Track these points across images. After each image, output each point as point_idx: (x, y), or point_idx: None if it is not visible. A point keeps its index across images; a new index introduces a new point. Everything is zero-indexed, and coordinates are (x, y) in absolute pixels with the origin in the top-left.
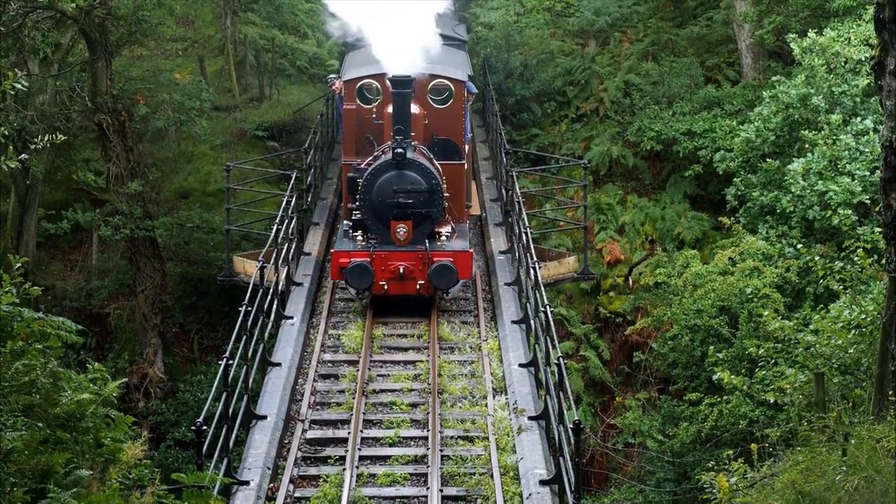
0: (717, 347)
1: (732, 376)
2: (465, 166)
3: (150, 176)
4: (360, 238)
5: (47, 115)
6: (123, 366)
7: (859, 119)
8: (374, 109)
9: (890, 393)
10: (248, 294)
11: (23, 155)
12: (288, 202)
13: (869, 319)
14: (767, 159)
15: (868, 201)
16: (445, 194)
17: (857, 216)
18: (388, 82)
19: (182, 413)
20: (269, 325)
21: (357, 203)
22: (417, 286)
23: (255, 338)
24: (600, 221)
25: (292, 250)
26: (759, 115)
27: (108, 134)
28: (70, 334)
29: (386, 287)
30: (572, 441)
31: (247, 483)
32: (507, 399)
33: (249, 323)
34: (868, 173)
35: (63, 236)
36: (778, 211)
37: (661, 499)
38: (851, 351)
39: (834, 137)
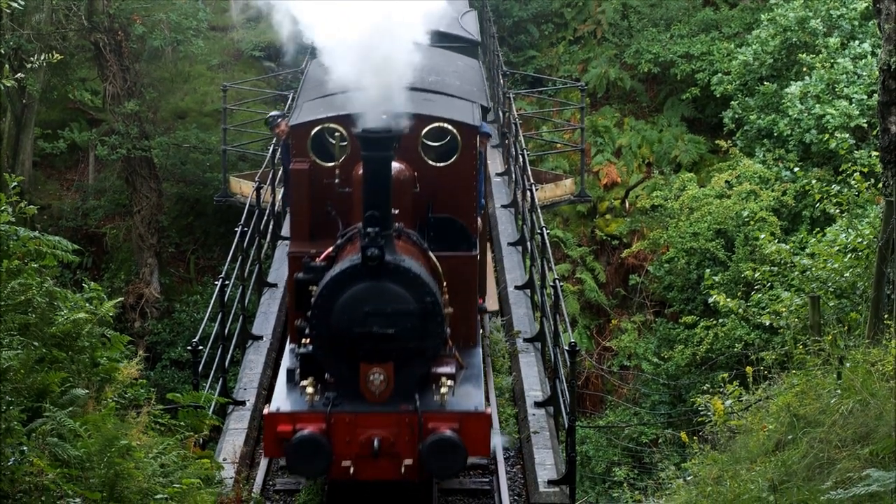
0: (713, 270)
1: (728, 299)
2: (479, 256)
3: (147, 96)
4: (310, 389)
5: (44, 34)
6: (120, 286)
7: (857, 42)
8: (338, 170)
9: (885, 317)
10: (244, 214)
11: (19, 74)
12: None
13: (865, 243)
14: (765, 82)
15: (865, 125)
16: (447, 310)
17: (855, 140)
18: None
19: (178, 333)
20: (265, 245)
21: (308, 326)
22: (402, 468)
23: (251, 258)
24: (597, 144)
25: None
26: (756, 38)
27: (104, 53)
28: (66, 253)
29: (352, 469)
30: (568, 363)
31: (242, 403)
32: (502, 321)
33: (245, 243)
34: (865, 97)
35: (59, 156)
36: (775, 134)
37: (656, 421)
38: (847, 274)
39: (832, 61)
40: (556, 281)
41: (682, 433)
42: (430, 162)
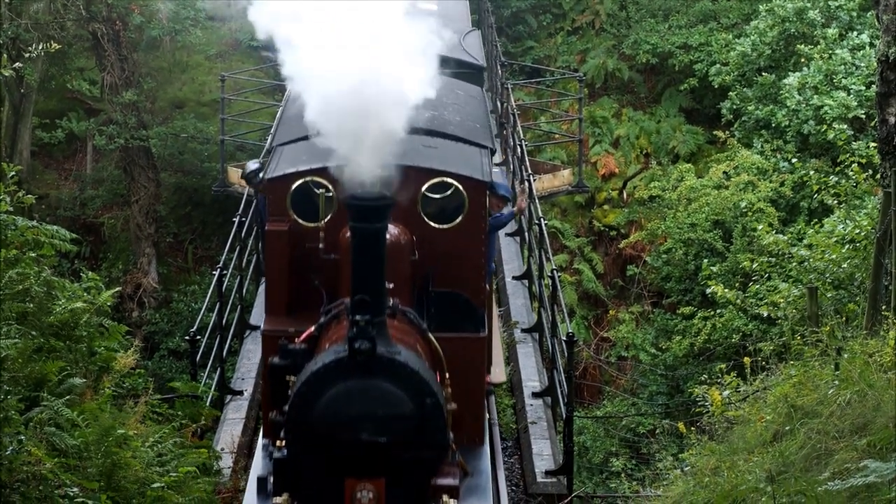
0: (710, 261)
1: (726, 290)
2: (486, 335)
3: (145, 85)
4: None
5: (42, 24)
6: (117, 275)
7: (855, 33)
8: (323, 231)
9: (883, 308)
10: (241, 204)
11: (17, 63)
12: None
13: (863, 234)
14: (763, 73)
15: (863, 116)
16: (450, 407)
17: (853, 131)
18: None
19: (176, 323)
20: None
21: (284, 425)
22: None
23: (248, 248)
24: (595, 134)
25: None
26: (755, 29)
27: (102, 43)
28: (64, 243)
29: None
30: (565, 353)
31: (240, 393)
32: (500, 311)
33: (243, 233)
34: (863, 88)
35: (57, 145)
36: (773, 125)
37: (654, 411)
38: (845, 265)
39: (830, 52)
40: (554, 271)
41: (680, 424)
42: (432, 223)
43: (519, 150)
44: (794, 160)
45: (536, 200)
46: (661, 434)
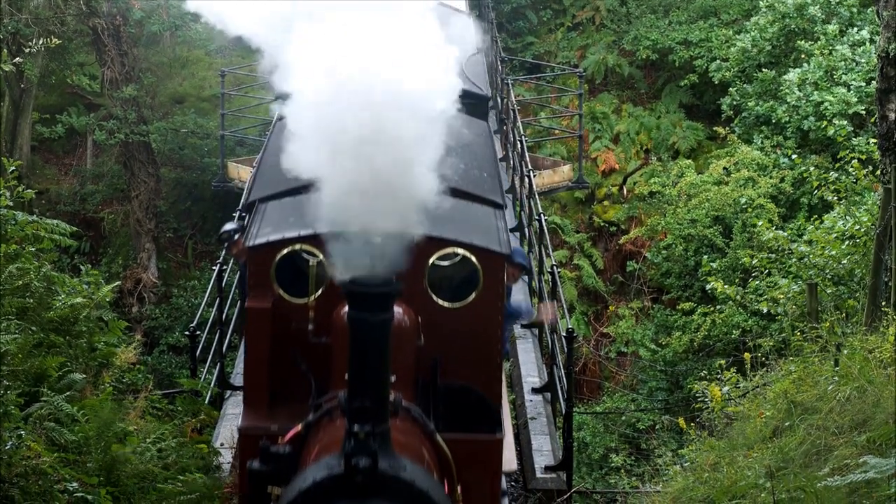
0: (710, 257)
1: (726, 286)
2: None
3: (145, 81)
4: None
5: (42, 19)
6: (117, 270)
7: (856, 29)
8: (313, 310)
9: (883, 304)
10: (242, 200)
11: (17, 58)
12: None
13: (863, 230)
14: (763, 69)
15: (863, 112)
16: None
17: (853, 127)
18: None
19: (175, 318)
20: None
21: None
22: None
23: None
24: (595, 130)
25: None
26: (755, 25)
27: (102, 38)
28: (64, 237)
29: None
30: (565, 349)
31: (240, 388)
32: None
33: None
34: (864, 84)
35: (57, 140)
36: (773, 121)
37: (654, 407)
38: (845, 261)
39: (830, 48)
40: (554, 267)
41: (680, 419)
42: (440, 301)
43: (519, 145)
44: (794, 156)
45: (536, 196)
46: (660, 430)
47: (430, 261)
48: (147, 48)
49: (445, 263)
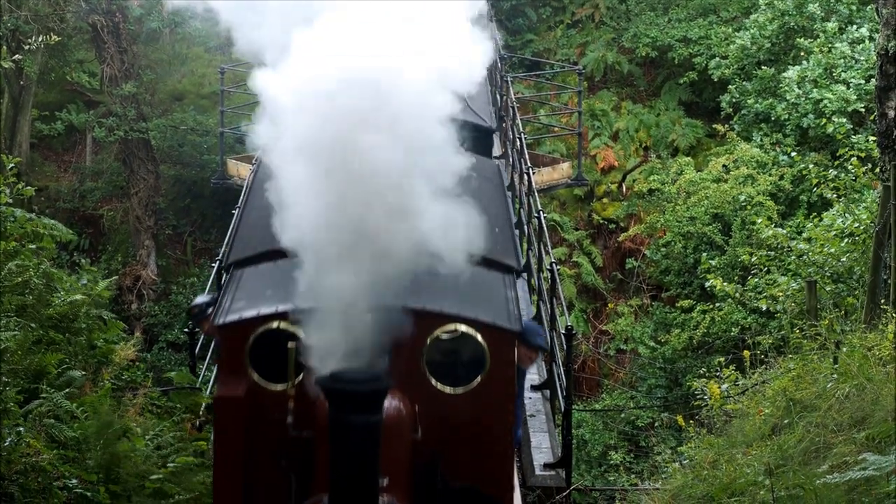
0: (709, 255)
1: (725, 283)
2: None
3: (145, 77)
4: None
5: (41, 16)
6: (117, 267)
7: (855, 27)
8: (292, 399)
9: (882, 301)
10: (241, 196)
11: (17, 55)
12: None
13: (862, 228)
14: (762, 66)
15: (863, 109)
16: None
17: (852, 124)
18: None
19: (175, 315)
20: None
21: None
22: None
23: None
24: (594, 128)
25: None
26: (754, 22)
27: (102, 35)
28: (63, 233)
29: None
30: (564, 346)
31: None
32: None
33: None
34: (863, 81)
35: (57, 137)
36: (772, 118)
37: (653, 405)
38: (844, 259)
39: (829, 45)
40: (553, 264)
41: (679, 417)
42: (440, 386)
43: (518, 142)
44: (793, 154)
45: (535, 193)
46: (659, 427)
47: (429, 339)
48: (146, 45)
49: (446, 342)
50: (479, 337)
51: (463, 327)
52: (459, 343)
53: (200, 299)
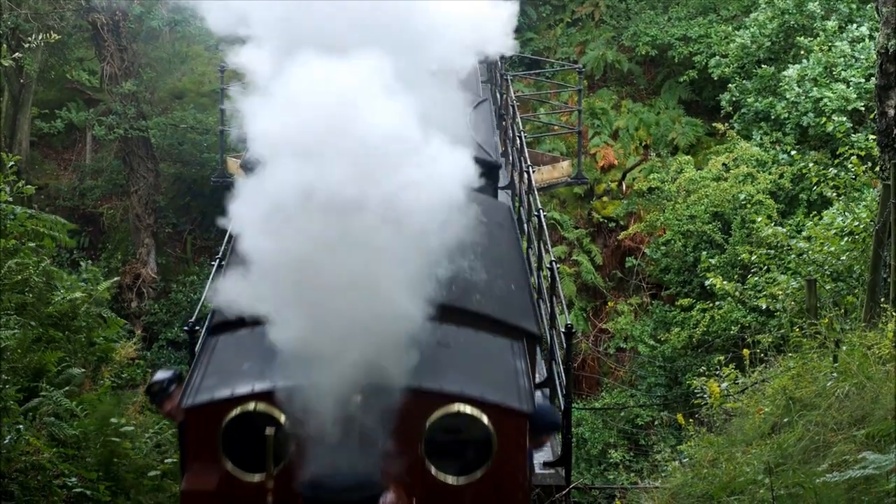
0: (709, 253)
1: (725, 282)
2: None
3: (144, 76)
4: None
5: (41, 14)
6: (116, 266)
7: (855, 26)
8: (271, 492)
9: (881, 300)
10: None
11: (17, 53)
12: None
13: (862, 226)
14: (762, 65)
15: (862, 108)
16: None
17: (852, 123)
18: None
19: (175, 313)
20: None
21: None
22: None
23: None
24: (594, 126)
25: None
26: (754, 21)
27: (102, 33)
28: (63, 236)
29: None
30: (564, 345)
31: None
32: None
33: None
34: (863, 80)
35: (57, 135)
36: (772, 117)
37: (652, 403)
38: (844, 258)
39: (829, 44)
40: (553, 263)
41: (679, 415)
42: (441, 476)
43: (518, 141)
44: (793, 152)
45: (535, 192)
46: (659, 426)
47: (428, 423)
48: (146, 43)
49: (448, 425)
50: (485, 419)
51: (466, 408)
52: (463, 426)
53: (161, 375)
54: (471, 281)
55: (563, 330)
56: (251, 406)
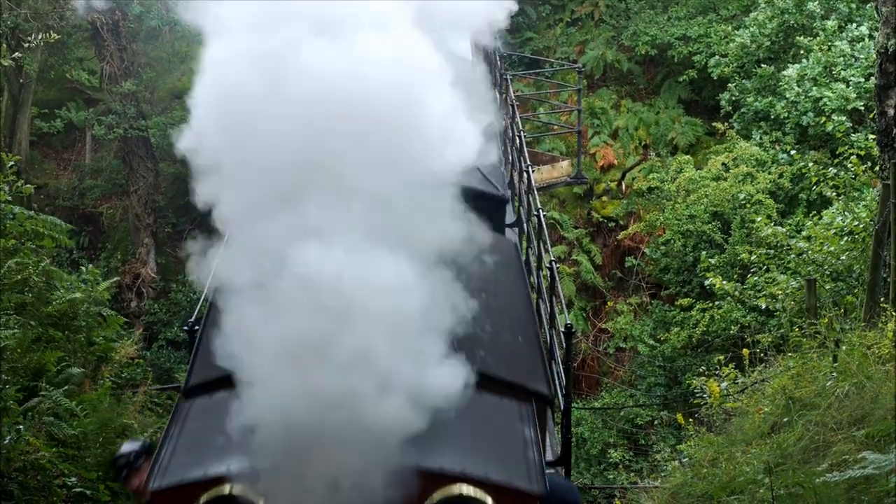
0: (709, 253)
1: (724, 282)
2: None
3: (144, 75)
4: None
5: (41, 13)
6: (116, 265)
7: (855, 25)
8: None
9: (881, 300)
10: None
11: (16, 53)
12: None
13: (861, 226)
14: (762, 65)
15: (862, 108)
16: None
17: (851, 123)
18: None
19: (174, 313)
20: None
21: None
22: None
23: None
24: (594, 126)
25: None
26: (754, 21)
27: (101, 33)
28: (62, 237)
29: None
30: (563, 345)
31: None
32: None
33: None
34: (863, 80)
35: (56, 135)
36: (772, 117)
37: (652, 403)
38: (843, 257)
39: (829, 43)
40: (553, 263)
41: (678, 415)
42: None
43: (518, 141)
44: (792, 152)
45: (535, 192)
46: (659, 425)
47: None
48: (146, 43)
49: None
50: (490, 502)
51: (468, 489)
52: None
53: (127, 447)
54: (474, 335)
55: (562, 329)
56: (226, 489)
